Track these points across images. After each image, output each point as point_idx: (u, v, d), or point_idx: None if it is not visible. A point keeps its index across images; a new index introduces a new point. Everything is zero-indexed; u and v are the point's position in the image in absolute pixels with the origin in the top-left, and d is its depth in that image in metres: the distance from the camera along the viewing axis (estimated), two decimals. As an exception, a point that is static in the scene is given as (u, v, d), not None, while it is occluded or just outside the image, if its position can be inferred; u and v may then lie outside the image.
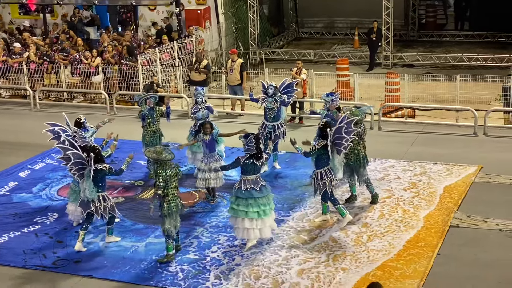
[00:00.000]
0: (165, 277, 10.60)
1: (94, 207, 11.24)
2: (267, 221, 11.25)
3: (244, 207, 11.09)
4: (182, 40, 22.04)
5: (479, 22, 26.57)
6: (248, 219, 11.10)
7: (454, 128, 17.02)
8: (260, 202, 11.13)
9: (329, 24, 29.17)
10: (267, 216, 11.21)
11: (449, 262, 10.64)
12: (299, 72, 17.77)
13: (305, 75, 17.89)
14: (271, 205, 11.34)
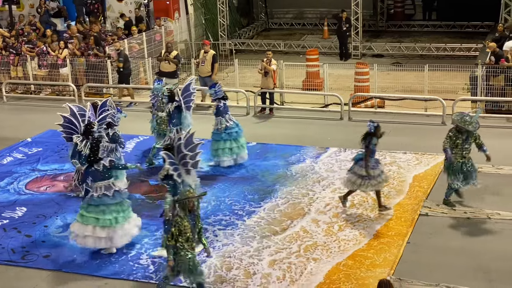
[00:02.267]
0: (136, 270, 10.54)
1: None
2: (119, 229, 10.89)
3: (95, 214, 10.81)
4: (151, 31, 21.88)
5: (446, 12, 26.87)
6: (100, 227, 10.82)
7: (423, 117, 17.17)
8: (113, 209, 10.85)
9: (298, 15, 29.20)
10: (118, 224, 10.87)
11: (418, 250, 10.74)
12: (269, 63, 17.76)
13: (275, 66, 17.88)
14: (126, 212, 11.00)
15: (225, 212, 12.37)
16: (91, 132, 12.04)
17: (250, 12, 29.24)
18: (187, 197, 9.12)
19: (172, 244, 9.05)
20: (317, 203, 12.54)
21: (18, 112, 19.43)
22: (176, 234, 8.99)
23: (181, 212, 9.10)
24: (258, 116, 18.09)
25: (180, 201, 9.15)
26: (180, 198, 9.18)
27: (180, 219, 9.05)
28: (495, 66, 17.02)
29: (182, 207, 9.10)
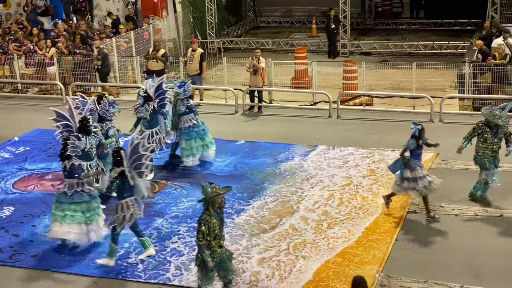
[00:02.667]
0: (125, 269, 10.51)
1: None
2: (74, 226, 11.03)
3: (60, 211, 11.04)
4: (139, 30, 21.82)
5: (434, 10, 26.97)
6: (66, 224, 11.04)
7: (411, 115, 17.21)
8: (77, 208, 11.02)
9: (286, 13, 29.22)
10: (73, 221, 11.01)
11: (407, 248, 10.78)
12: (258, 61, 17.76)
13: (264, 64, 17.88)
14: (87, 213, 11.07)
15: (214, 210, 12.34)
16: (87, 127, 12.06)
17: (238, 10, 29.21)
18: (217, 194, 8.94)
19: (204, 244, 8.89)
20: (306, 201, 12.56)
21: (5, 111, 19.31)
22: (206, 232, 8.85)
23: (210, 209, 8.93)
24: (246, 114, 18.09)
25: (209, 198, 8.92)
26: (209, 195, 8.93)
27: (208, 216, 8.89)
28: (482, 64, 17.10)
29: (212, 204, 8.93)
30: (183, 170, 14.26)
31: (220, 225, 9.06)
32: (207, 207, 8.96)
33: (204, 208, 9.01)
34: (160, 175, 14.03)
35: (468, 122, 16.40)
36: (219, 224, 8.99)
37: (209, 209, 8.95)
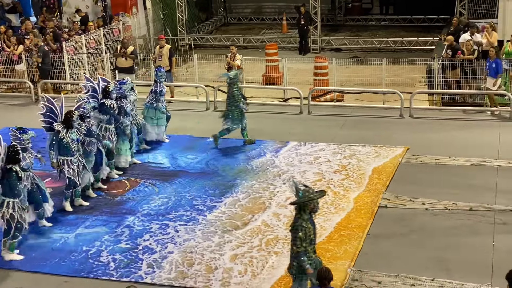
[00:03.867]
0: (97, 267, 10.44)
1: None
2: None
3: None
4: (108, 27, 21.65)
5: (403, 6, 27.19)
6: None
7: (381, 110, 17.36)
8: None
9: (257, 9, 29.22)
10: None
11: (378, 242, 10.87)
12: (233, 58, 17.73)
13: (239, 61, 17.84)
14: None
15: (186, 207, 12.33)
16: (71, 121, 12.06)
17: (208, 7, 29.14)
18: (311, 198, 8.62)
19: (302, 250, 8.64)
20: (278, 197, 12.59)
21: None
22: (303, 238, 8.59)
23: (302, 213, 8.63)
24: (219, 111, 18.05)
25: (301, 203, 8.64)
26: (301, 200, 8.62)
27: (303, 221, 8.62)
28: (451, 59, 17.28)
29: (303, 209, 8.64)
30: (154, 168, 14.21)
31: (314, 229, 8.82)
32: (299, 211, 8.68)
33: (296, 212, 8.72)
34: (131, 172, 13.96)
35: (438, 117, 16.69)
36: (313, 228, 8.77)
37: (301, 213, 8.66)
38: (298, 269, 8.78)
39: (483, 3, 21.67)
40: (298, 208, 8.68)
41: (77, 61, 19.96)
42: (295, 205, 8.72)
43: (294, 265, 8.82)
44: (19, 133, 11.34)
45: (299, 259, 8.71)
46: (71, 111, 12.24)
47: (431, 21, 26.12)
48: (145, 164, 14.45)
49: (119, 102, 13.66)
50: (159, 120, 15.31)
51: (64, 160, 12.11)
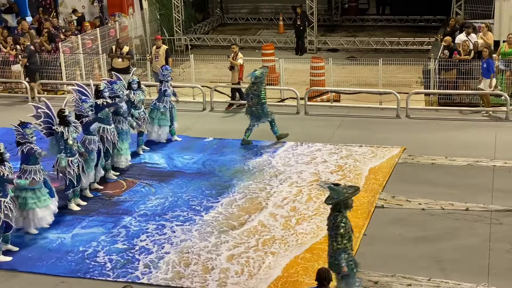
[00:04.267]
0: (93, 268, 10.43)
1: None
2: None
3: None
4: (105, 27, 21.63)
5: (400, 6, 27.24)
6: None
7: (378, 111, 17.37)
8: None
9: (253, 9, 29.22)
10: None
11: (375, 242, 10.88)
12: (235, 57, 17.66)
13: (241, 60, 17.75)
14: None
15: (183, 207, 12.33)
16: (65, 117, 12.05)
17: (205, 7, 29.14)
18: (350, 195, 8.74)
19: (343, 247, 8.73)
20: (275, 197, 12.59)
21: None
22: (343, 235, 8.70)
23: (342, 210, 8.74)
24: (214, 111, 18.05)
25: (343, 200, 8.72)
26: (344, 197, 8.71)
27: (345, 218, 8.72)
28: (447, 60, 17.29)
29: (345, 205, 8.76)
30: (151, 168, 14.21)
31: (351, 226, 8.91)
32: (339, 208, 8.75)
33: (334, 210, 8.80)
34: (128, 173, 13.95)
35: (434, 117, 16.71)
36: (350, 225, 8.87)
37: (341, 211, 8.75)
38: (336, 266, 8.79)
39: (479, 3, 21.72)
40: (338, 206, 8.76)
41: (74, 61, 19.93)
42: (333, 203, 8.75)
43: (335, 264, 8.84)
44: (22, 128, 11.41)
45: (338, 257, 8.76)
46: (61, 109, 12.21)
47: (428, 22, 26.15)
48: (141, 164, 14.44)
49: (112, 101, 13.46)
50: (160, 120, 15.26)
51: (67, 161, 12.09)
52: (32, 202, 11.34)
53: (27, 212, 11.37)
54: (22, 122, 11.52)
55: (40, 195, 11.39)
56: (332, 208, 8.87)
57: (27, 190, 11.30)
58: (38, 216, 11.42)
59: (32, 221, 11.45)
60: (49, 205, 11.55)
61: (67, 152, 12.08)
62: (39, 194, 11.37)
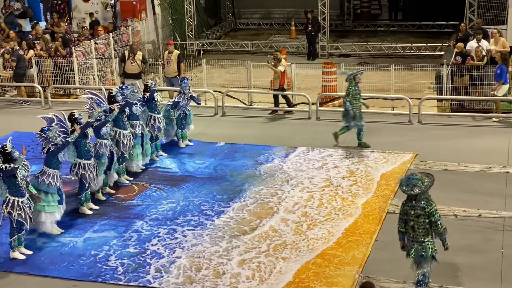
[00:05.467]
0: (105, 271, 10.46)
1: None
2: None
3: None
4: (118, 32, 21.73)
5: (412, 12, 27.17)
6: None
7: (390, 116, 17.33)
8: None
9: (265, 15, 29.26)
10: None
11: (387, 248, 10.83)
12: (278, 64, 17.49)
13: (282, 67, 17.50)
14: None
15: (194, 212, 12.35)
16: (76, 119, 12.12)
17: (217, 12, 29.21)
18: (431, 183, 9.25)
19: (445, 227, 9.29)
20: (286, 202, 12.58)
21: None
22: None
23: (427, 196, 9.26)
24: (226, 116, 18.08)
25: (428, 189, 9.22)
26: (428, 187, 9.21)
27: (434, 203, 9.25)
28: (460, 66, 17.24)
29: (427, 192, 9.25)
30: (162, 173, 14.24)
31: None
32: (426, 196, 9.22)
33: (422, 198, 9.19)
34: (140, 177, 13.99)
35: (446, 123, 16.66)
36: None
37: (428, 197, 9.25)
38: (425, 251, 9.19)
39: (492, 9, 21.63)
40: (424, 194, 9.19)
41: (86, 66, 20.03)
42: (421, 192, 9.15)
43: (429, 248, 9.21)
44: (43, 132, 11.57)
45: (444, 237, 9.27)
46: (71, 113, 12.27)
47: (440, 27, 26.07)
48: (153, 169, 14.48)
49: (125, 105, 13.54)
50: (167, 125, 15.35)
51: (85, 164, 12.17)
52: (41, 204, 11.39)
53: (34, 212, 11.41)
54: (42, 129, 11.62)
55: (51, 199, 11.43)
56: (418, 198, 9.18)
57: (40, 191, 11.35)
58: (40, 219, 11.45)
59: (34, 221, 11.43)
60: (55, 212, 11.55)
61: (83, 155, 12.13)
62: (50, 198, 11.40)
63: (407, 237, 9.35)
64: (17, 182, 10.76)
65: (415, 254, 9.25)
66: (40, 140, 11.62)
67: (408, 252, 9.35)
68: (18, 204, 10.76)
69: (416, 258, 9.27)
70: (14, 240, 10.94)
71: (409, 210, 9.24)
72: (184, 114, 15.47)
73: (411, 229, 9.25)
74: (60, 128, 12.07)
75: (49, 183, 11.34)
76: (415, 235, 9.24)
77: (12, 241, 10.94)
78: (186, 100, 15.40)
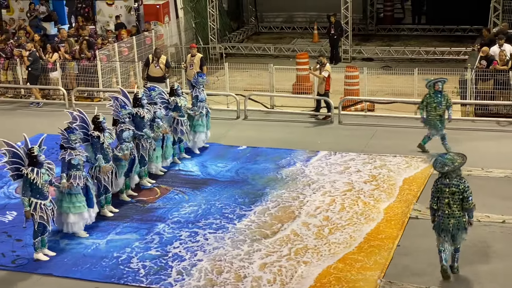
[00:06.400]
0: (127, 274, 10.52)
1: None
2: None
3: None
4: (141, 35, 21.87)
5: (436, 15, 26.98)
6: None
7: (413, 120, 17.21)
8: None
9: (288, 18, 29.27)
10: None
11: (409, 253, 10.78)
12: (322, 69, 17.35)
13: (326, 72, 17.33)
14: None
15: (216, 215, 12.38)
16: (100, 123, 12.23)
17: (240, 16, 29.27)
18: (463, 162, 9.81)
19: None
20: (308, 206, 12.57)
21: (8, 116, 19.37)
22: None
23: (460, 174, 9.81)
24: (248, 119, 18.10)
25: (459, 167, 9.74)
26: (459, 165, 9.75)
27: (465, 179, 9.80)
28: (484, 70, 17.10)
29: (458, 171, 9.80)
30: (184, 176, 14.30)
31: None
32: (459, 173, 9.78)
33: (454, 176, 9.73)
34: (162, 180, 14.06)
35: (470, 128, 16.52)
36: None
37: (459, 174, 9.78)
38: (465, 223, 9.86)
39: (518, 13, 21.46)
40: (455, 172, 9.76)
41: (110, 69, 20.18)
42: (450, 170, 9.71)
43: (464, 221, 9.82)
44: (67, 133, 11.65)
45: (472, 213, 9.86)
46: (95, 116, 12.36)
47: (464, 31, 25.88)
48: (175, 171, 14.54)
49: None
50: (196, 126, 15.38)
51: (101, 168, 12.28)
52: (66, 206, 11.53)
53: (61, 214, 11.57)
54: (69, 127, 11.74)
55: (76, 201, 11.51)
56: (452, 175, 9.74)
57: (64, 194, 11.46)
58: (69, 220, 11.57)
59: (65, 223, 11.65)
60: (83, 212, 11.64)
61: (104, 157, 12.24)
62: (74, 200, 11.50)
63: (439, 213, 9.87)
64: (38, 185, 10.85)
65: (452, 229, 9.78)
66: (61, 138, 11.67)
67: (439, 226, 9.89)
68: (40, 206, 10.88)
69: (453, 232, 9.81)
70: (37, 241, 11.06)
71: (443, 188, 9.76)
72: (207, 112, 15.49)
73: (446, 206, 9.78)
74: (81, 128, 12.21)
75: (70, 183, 11.44)
76: (450, 212, 9.77)
77: (36, 243, 11.06)
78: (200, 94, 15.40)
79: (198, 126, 15.36)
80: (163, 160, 14.33)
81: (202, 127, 15.42)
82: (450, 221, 9.79)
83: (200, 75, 15.65)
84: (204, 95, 15.46)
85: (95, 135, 12.14)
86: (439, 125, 14.71)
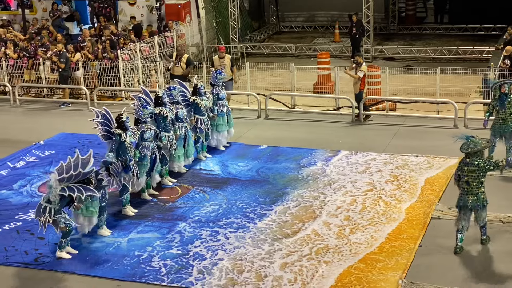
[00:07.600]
0: (148, 272, 10.58)
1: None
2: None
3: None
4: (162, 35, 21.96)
5: (459, 15, 26.78)
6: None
7: (435, 120, 17.13)
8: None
9: (309, 17, 29.21)
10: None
11: (431, 254, 10.72)
12: (358, 68, 17.15)
13: (361, 72, 17.13)
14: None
15: (237, 215, 12.39)
16: (123, 122, 12.31)
17: (261, 15, 29.27)
18: (487, 146, 10.58)
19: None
20: (329, 206, 12.54)
21: (31, 115, 19.56)
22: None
23: (481, 155, 10.46)
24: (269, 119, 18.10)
25: (481, 150, 10.39)
26: (483, 147, 10.43)
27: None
28: (508, 69, 16.93)
29: (480, 154, 10.43)
30: (205, 175, 14.33)
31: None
32: (482, 157, 10.44)
33: (478, 158, 10.39)
34: (183, 179, 14.10)
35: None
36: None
37: (481, 155, 10.43)
38: (483, 199, 10.55)
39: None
40: (477, 154, 10.43)
41: (132, 68, 20.29)
42: (472, 152, 10.40)
43: (474, 199, 10.52)
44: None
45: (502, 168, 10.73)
46: (119, 114, 12.44)
47: (487, 30, 25.65)
48: (196, 171, 14.58)
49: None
50: (218, 126, 15.42)
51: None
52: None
53: (73, 213, 11.62)
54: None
55: (89, 205, 11.48)
56: (467, 156, 10.47)
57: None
58: (78, 221, 11.57)
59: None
60: (92, 218, 11.59)
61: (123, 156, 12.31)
62: (89, 204, 11.42)
63: (460, 191, 10.61)
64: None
65: (472, 205, 10.45)
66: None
67: (459, 203, 10.61)
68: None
69: (474, 208, 10.48)
70: (66, 240, 11.13)
71: (464, 166, 10.49)
72: (228, 111, 15.54)
73: (465, 184, 10.46)
74: (104, 125, 12.33)
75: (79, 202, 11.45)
76: (469, 189, 10.45)
77: (63, 242, 11.13)
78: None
79: (220, 126, 15.41)
80: (185, 158, 14.38)
81: (224, 126, 15.47)
82: (469, 198, 10.45)
83: (218, 72, 15.65)
84: (224, 93, 15.50)
85: (117, 133, 12.22)
86: (501, 129, 13.60)
